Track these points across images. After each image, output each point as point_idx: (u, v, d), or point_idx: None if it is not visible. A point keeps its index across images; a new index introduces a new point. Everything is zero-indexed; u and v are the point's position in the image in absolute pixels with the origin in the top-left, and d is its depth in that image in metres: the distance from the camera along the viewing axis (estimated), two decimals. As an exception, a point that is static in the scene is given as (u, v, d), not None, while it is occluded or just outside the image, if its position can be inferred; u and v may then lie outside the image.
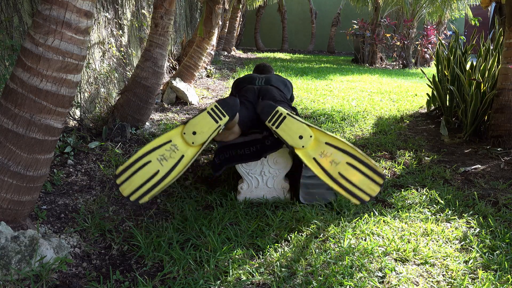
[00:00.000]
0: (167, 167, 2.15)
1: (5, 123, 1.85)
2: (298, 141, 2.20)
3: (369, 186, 2.13)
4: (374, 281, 1.85)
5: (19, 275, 1.78)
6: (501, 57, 3.89)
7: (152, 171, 2.14)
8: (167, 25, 3.97)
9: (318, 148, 2.21)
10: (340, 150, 2.18)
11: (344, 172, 2.16)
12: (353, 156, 2.16)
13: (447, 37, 12.17)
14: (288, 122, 2.23)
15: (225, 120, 2.25)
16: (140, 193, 2.10)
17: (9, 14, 3.01)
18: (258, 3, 14.10)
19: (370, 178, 2.14)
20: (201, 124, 2.22)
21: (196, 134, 2.20)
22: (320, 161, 2.19)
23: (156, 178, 2.13)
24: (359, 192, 2.14)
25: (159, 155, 2.16)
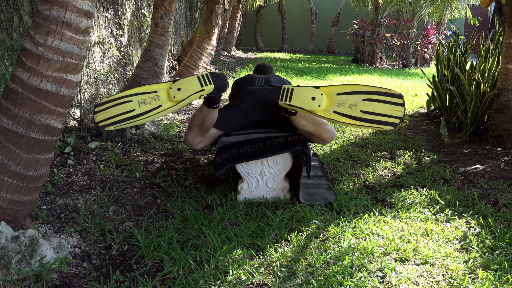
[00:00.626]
0: (142, 110, 2.31)
1: (5, 123, 1.85)
2: (313, 103, 2.29)
3: (394, 109, 2.20)
4: (374, 281, 1.85)
5: (19, 275, 1.78)
6: (501, 57, 3.89)
7: (128, 108, 2.30)
8: (167, 25, 3.97)
9: (333, 101, 2.30)
10: (354, 93, 2.27)
11: (365, 107, 2.23)
12: (366, 92, 2.25)
13: (447, 37, 12.17)
14: (297, 91, 2.35)
15: (210, 88, 2.39)
16: (110, 122, 2.27)
17: (9, 14, 3.01)
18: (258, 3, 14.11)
19: (391, 103, 2.21)
20: (188, 84, 2.38)
21: (180, 91, 2.37)
22: (340, 111, 2.27)
23: (129, 114, 2.29)
24: (387, 118, 2.20)
25: (141, 98, 2.34)
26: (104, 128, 2.27)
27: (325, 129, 2.58)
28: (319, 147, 3.79)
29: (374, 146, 3.88)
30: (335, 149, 3.75)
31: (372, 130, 2.27)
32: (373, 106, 2.22)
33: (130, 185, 2.84)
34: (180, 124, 4.43)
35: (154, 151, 3.50)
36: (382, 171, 3.25)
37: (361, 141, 4.04)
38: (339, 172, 3.20)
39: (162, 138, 3.84)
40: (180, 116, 4.82)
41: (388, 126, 2.20)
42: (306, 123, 2.54)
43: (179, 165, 3.23)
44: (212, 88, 2.39)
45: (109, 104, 2.30)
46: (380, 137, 4.16)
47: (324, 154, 3.59)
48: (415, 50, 11.93)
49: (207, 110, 2.57)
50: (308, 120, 2.53)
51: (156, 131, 4.04)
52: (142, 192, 2.75)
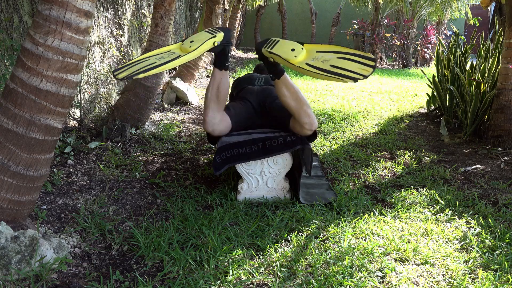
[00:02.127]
0: (161, 61, 2.32)
1: (5, 123, 1.85)
2: (290, 53, 2.33)
3: (362, 68, 2.19)
4: (374, 281, 1.85)
5: (19, 275, 1.78)
6: (501, 57, 3.89)
7: (148, 63, 2.31)
8: (167, 25, 3.97)
9: (310, 55, 2.34)
10: (331, 52, 2.31)
11: (335, 63, 2.24)
12: (343, 52, 2.28)
13: (447, 37, 12.17)
14: (281, 43, 2.43)
15: (220, 35, 2.48)
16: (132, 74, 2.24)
17: (9, 14, 3.01)
18: (258, 3, 14.10)
19: (362, 63, 2.22)
20: (198, 36, 2.46)
21: (193, 42, 2.42)
22: (312, 63, 2.28)
23: (150, 66, 2.28)
24: (352, 74, 2.18)
25: (157, 55, 2.39)
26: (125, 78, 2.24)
27: (305, 111, 2.50)
28: (319, 147, 3.79)
29: (374, 146, 3.88)
30: (335, 149, 3.75)
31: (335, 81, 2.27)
32: (343, 63, 2.23)
33: (130, 185, 2.84)
34: (180, 124, 4.43)
35: (154, 151, 3.50)
36: (382, 171, 3.25)
37: (361, 141, 4.04)
38: (339, 172, 3.20)
39: (162, 138, 3.84)
40: (180, 116, 4.82)
41: (349, 79, 2.16)
42: (288, 94, 2.51)
43: (179, 165, 3.23)
44: (222, 35, 2.48)
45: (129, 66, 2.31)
46: (380, 137, 4.16)
47: (324, 154, 3.59)
48: (415, 50, 11.93)
49: (220, 74, 2.61)
50: (291, 92, 2.50)
51: (156, 131, 4.04)
52: (142, 192, 2.75)
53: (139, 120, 3.94)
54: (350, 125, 4.62)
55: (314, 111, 5.19)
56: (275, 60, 2.43)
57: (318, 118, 4.83)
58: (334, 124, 4.62)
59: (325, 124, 4.58)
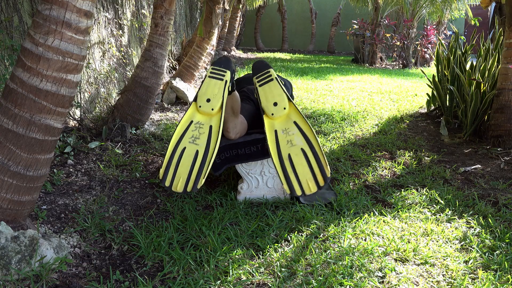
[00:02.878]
0: (203, 144, 2.12)
1: (5, 123, 1.85)
2: (271, 107, 2.20)
3: (308, 182, 2.09)
4: (374, 281, 1.85)
5: (19, 275, 1.78)
6: (501, 57, 3.89)
7: (192, 154, 2.09)
8: (167, 25, 3.97)
9: (285, 124, 2.19)
10: (302, 134, 2.15)
11: (293, 155, 2.12)
12: (310, 145, 2.13)
13: (447, 37, 12.18)
14: (272, 85, 2.24)
15: (227, 75, 2.25)
16: (193, 179, 2.04)
17: (9, 14, 3.01)
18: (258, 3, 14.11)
19: (313, 174, 2.10)
20: (210, 89, 2.21)
21: (210, 101, 2.19)
22: (279, 136, 2.16)
23: (199, 158, 2.08)
24: (296, 183, 2.08)
25: (189, 138, 2.13)
26: (197, 187, 2.05)
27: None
28: (319, 147, 3.79)
29: (374, 146, 3.88)
30: (335, 149, 3.75)
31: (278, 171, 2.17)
32: (301, 163, 2.10)
33: (130, 185, 2.84)
34: (180, 124, 4.43)
35: (154, 151, 3.50)
36: (382, 171, 3.25)
37: (361, 141, 4.04)
38: (339, 172, 3.20)
39: (162, 138, 3.84)
40: (180, 116, 4.82)
41: (288, 189, 2.08)
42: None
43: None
44: (229, 73, 2.29)
45: (172, 168, 2.07)
46: (380, 137, 4.16)
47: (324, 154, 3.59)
48: (415, 50, 11.93)
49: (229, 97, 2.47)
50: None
51: (156, 131, 4.04)
52: (142, 192, 2.75)
53: (139, 120, 3.94)
54: (350, 125, 4.62)
55: (314, 111, 5.19)
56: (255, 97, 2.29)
57: (318, 118, 4.83)
58: (334, 124, 4.62)
59: (325, 124, 4.58)
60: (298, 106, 5.36)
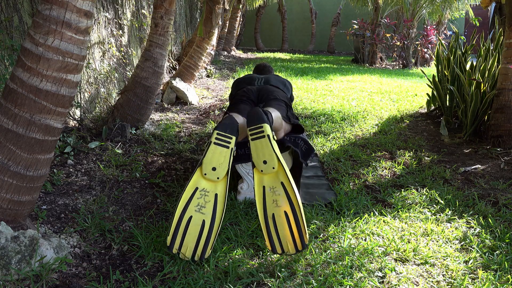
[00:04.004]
0: (209, 214, 2.10)
1: (5, 123, 1.85)
2: (260, 164, 2.17)
3: (288, 244, 2.08)
4: (374, 281, 1.85)
5: (19, 275, 1.78)
6: (501, 57, 3.89)
7: (198, 224, 2.08)
8: (167, 25, 3.97)
9: (273, 182, 2.17)
10: (287, 198, 2.13)
11: (277, 217, 2.11)
12: (293, 211, 2.11)
13: (447, 37, 12.17)
14: (264, 143, 2.18)
15: (233, 141, 2.19)
16: (201, 249, 2.04)
17: (9, 14, 3.01)
18: (258, 3, 14.10)
19: (293, 238, 2.09)
20: (215, 158, 2.16)
21: (216, 170, 2.15)
22: (266, 194, 2.16)
23: (206, 228, 2.08)
24: (277, 242, 2.09)
25: (195, 206, 2.11)
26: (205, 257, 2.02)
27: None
28: (319, 147, 3.79)
29: (374, 146, 3.87)
30: (335, 149, 3.75)
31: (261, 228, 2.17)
32: (282, 224, 2.10)
33: (130, 185, 2.84)
34: (180, 124, 4.43)
35: (154, 151, 3.50)
36: (382, 171, 3.25)
37: (361, 141, 4.04)
38: (339, 172, 3.20)
39: (162, 138, 3.84)
40: (180, 116, 4.82)
41: (269, 245, 2.08)
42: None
43: (179, 165, 3.23)
44: (234, 139, 2.20)
45: (179, 236, 2.05)
46: (380, 137, 4.16)
47: (324, 154, 3.59)
48: (415, 50, 11.92)
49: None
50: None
51: (156, 131, 4.04)
52: (142, 192, 2.75)
53: (139, 120, 3.94)
54: (350, 125, 4.62)
55: (314, 111, 5.19)
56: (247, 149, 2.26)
57: (318, 118, 4.83)
58: (334, 124, 4.62)
59: (325, 124, 4.58)
60: (299, 104, 5.36)
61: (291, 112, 2.85)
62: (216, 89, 6.72)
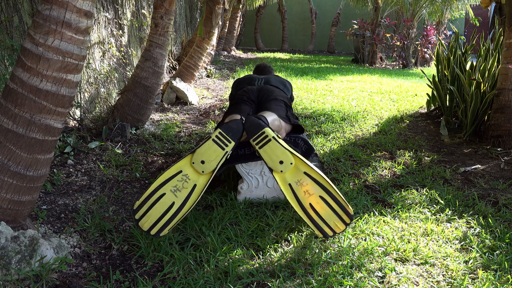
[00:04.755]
0: (181, 198, 2.14)
1: (5, 123, 1.85)
2: (277, 166, 2.19)
3: (335, 223, 2.12)
4: (374, 281, 1.85)
5: (19, 275, 1.78)
6: (501, 57, 3.89)
7: (167, 203, 2.12)
8: (167, 25, 3.97)
9: (296, 175, 2.19)
10: (316, 183, 2.17)
11: (314, 204, 2.15)
12: (327, 191, 2.15)
13: (447, 37, 12.17)
14: (272, 145, 2.20)
15: (231, 146, 2.21)
16: (159, 226, 2.08)
17: (9, 14, 3.01)
18: (258, 3, 14.10)
19: (338, 215, 2.13)
20: (208, 153, 2.19)
21: (204, 163, 2.18)
22: (295, 189, 2.18)
23: (172, 210, 2.12)
24: (324, 226, 2.12)
25: (172, 186, 2.15)
26: (160, 235, 2.08)
27: None
28: (319, 147, 3.79)
29: (374, 146, 3.87)
30: (335, 149, 3.75)
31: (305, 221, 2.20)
32: (322, 207, 2.13)
33: (130, 185, 2.84)
34: (180, 124, 4.43)
35: (154, 151, 3.50)
36: (382, 171, 3.25)
37: (361, 141, 4.04)
38: (339, 172, 3.20)
39: (162, 138, 3.84)
40: (180, 116, 4.82)
41: (319, 232, 2.12)
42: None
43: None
44: (233, 145, 2.22)
45: (146, 206, 2.10)
46: (380, 137, 4.16)
47: (324, 154, 3.59)
48: (415, 50, 11.92)
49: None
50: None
51: (156, 131, 4.04)
52: (142, 192, 2.75)
53: (139, 120, 3.94)
54: (350, 125, 4.62)
55: (314, 111, 5.19)
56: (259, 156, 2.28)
57: (318, 118, 4.83)
58: (334, 124, 4.62)
59: (325, 124, 4.58)
60: (299, 104, 5.36)
61: (291, 112, 2.85)
62: (216, 89, 6.72)
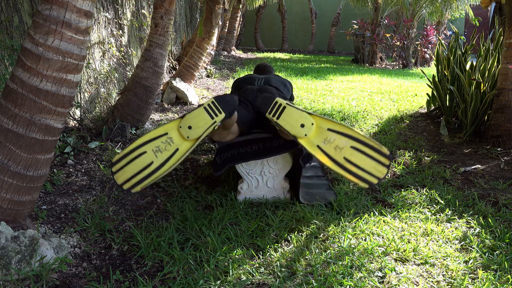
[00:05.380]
0: (161, 159, 2.17)
1: (5, 123, 1.85)
2: (300, 130, 2.18)
3: (376, 168, 2.10)
4: (374, 281, 1.85)
5: (19, 275, 1.78)
6: (501, 57, 3.89)
7: (146, 161, 2.17)
8: (167, 25, 3.97)
9: (321, 135, 2.18)
10: (343, 135, 2.15)
11: (349, 156, 2.13)
12: (356, 140, 2.14)
13: (447, 37, 12.17)
14: (289, 112, 2.20)
15: (221, 117, 2.23)
16: (133, 182, 2.13)
17: (9, 14, 3.01)
18: (258, 3, 14.10)
19: (376, 160, 2.11)
20: (197, 119, 2.21)
21: (191, 129, 2.21)
22: (324, 148, 2.16)
23: (150, 169, 2.16)
24: (367, 175, 2.10)
25: (154, 146, 2.19)
26: (131, 190, 2.12)
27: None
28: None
29: (374, 146, 3.87)
30: (335, 149, 3.74)
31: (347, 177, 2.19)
32: (358, 157, 2.12)
33: (130, 185, 2.84)
34: (180, 124, 4.43)
35: (154, 151, 3.50)
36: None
37: (361, 141, 4.03)
38: (339, 172, 3.19)
39: (162, 138, 3.83)
40: (180, 115, 4.82)
41: (364, 183, 2.11)
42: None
43: (179, 165, 3.23)
44: (223, 116, 2.23)
45: (125, 161, 2.15)
46: (380, 137, 4.16)
47: (324, 154, 3.59)
48: (415, 50, 11.92)
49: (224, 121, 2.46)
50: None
51: (156, 131, 4.04)
52: (142, 192, 2.75)
53: (139, 120, 3.94)
54: (350, 125, 4.62)
55: (314, 111, 5.19)
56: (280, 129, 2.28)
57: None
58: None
59: (325, 124, 4.57)
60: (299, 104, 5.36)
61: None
62: (216, 89, 6.72)
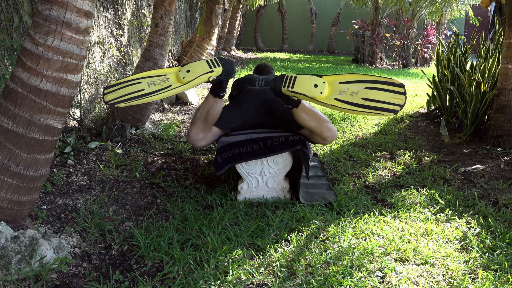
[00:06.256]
0: (151, 89, 2.36)
1: (5, 123, 1.85)
2: (315, 90, 2.32)
3: (394, 97, 2.21)
4: (374, 281, 1.85)
5: (19, 275, 1.78)
6: (501, 57, 3.89)
7: (138, 88, 2.35)
8: (167, 25, 3.97)
9: (335, 89, 2.33)
10: (354, 83, 2.30)
11: (366, 95, 2.25)
12: (367, 81, 2.28)
13: (447, 37, 12.17)
14: (300, 79, 2.37)
15: (218, 70, 2.46)
16: (119, 100, 2.28)
17: (9, 14, 3.01)
18: (258, 3, 14.10)
19: (391, 91, 2.23)
20: (196, 66, 2.46)
21: (189, 72, 2.43)
22: (342, 98, 2.28)
23: (139, 93, 2.33)
24: (388, 105, 2.21)
25: (150, 80, 2.40)
26: (114, 105, 2.28)
27: (327, 127, 2.56)
28: (319, 147, 3.79)
29: (374, 146, 3.87)
30: (335, 149, 3.75)
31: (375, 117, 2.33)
32: (374, 93, 2.24)
33: (130, 185, 2.84)
34: (180, 124, 4.43)
35: (154, 151, 3.50)
36: (382, 171, 3.25)
37: (361, 141, 4.04)
38: (339, 172, 3.20)
39: (162, 138, 3.84)
40: (180, 116, 4.82)
41: (389, 112, 2.20)
42: (308, 118, 2.52)
43: (179, 165, 3.23)
44: (220, 70, 2.46)
45: (119, 86, 2.33)
46: (380, 137, 4.16)
47: (324, 154, 3.59)
48: (415, 50, 11.92)
49: (213, 100, 2.58)
50: (310, 115, 2.52)
51: (156, 131, 4.04)
52: (142, 192, 2.75)
53: (139, 120, 3.94)
54: (350, 125, 4.62)
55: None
56: (298, 98, 2.42)
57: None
58: (334, 124, 4.62)
59: (325, 124, 4.57)
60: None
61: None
62: (216, 89, 6.71)
